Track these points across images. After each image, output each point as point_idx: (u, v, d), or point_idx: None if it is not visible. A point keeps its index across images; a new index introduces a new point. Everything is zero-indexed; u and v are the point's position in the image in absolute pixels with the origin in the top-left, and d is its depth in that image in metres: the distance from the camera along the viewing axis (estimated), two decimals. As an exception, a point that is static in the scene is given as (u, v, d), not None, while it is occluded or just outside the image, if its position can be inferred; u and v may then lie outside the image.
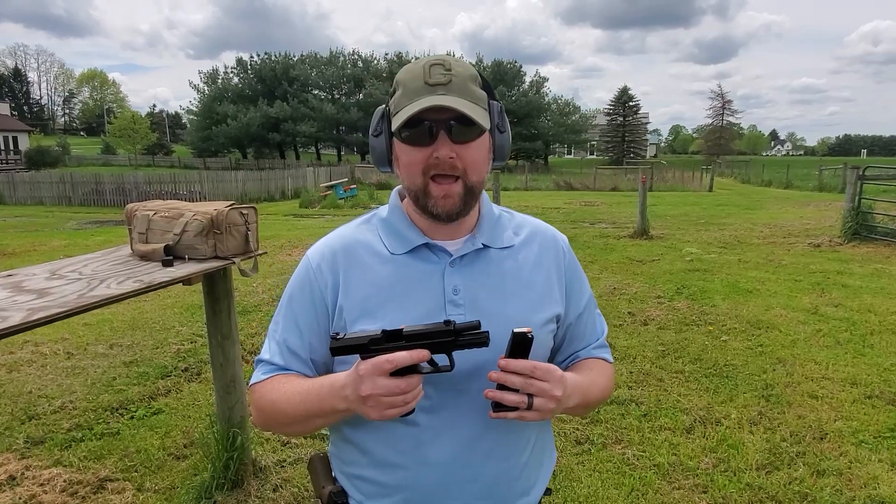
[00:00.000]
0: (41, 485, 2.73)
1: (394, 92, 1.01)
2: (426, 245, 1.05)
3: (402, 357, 0.86)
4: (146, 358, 4.48)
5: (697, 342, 4.74)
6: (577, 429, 3.31)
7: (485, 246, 1.07)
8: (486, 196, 1.11)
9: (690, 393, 3.80)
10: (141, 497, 2.70)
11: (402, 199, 1.11)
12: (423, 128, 0.95)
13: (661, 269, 7.57)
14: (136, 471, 2.91)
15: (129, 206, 2.43)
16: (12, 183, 22.52)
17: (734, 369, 4.16)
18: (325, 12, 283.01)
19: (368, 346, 0.89)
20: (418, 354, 0.86)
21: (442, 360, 0.92)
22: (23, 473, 2.83)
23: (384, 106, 1.04)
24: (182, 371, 4.22)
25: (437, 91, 0.95)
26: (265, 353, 1.08)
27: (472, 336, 0.89)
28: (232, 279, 2.64)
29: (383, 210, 1.13)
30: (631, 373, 4.13)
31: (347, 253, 1.06)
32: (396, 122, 0.96)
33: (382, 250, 1.06)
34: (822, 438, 3.21)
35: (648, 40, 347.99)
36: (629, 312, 5.59)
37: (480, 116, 0.96)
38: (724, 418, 3.44)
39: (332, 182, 20.60)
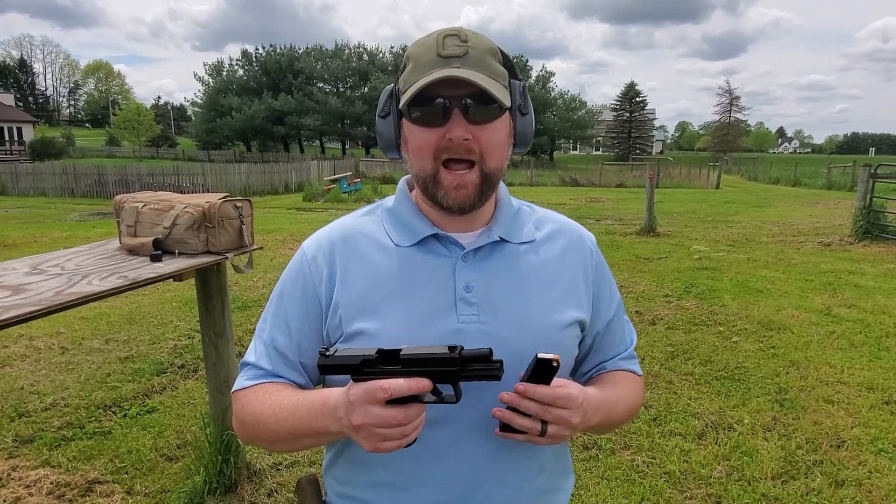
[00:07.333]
0: (27, 486, 2.63)
1: (404, 68, 0.89)
2: (435, 237, 0.93)
3: (398, 386, 0.72)
4: (142, 354, 4.38)
5: (707, 343, 4.61)
6: (584, 433, 3.19)
7: (502, 239, 0.95)
8: (503, 187, 0.99)
9: (701, 396, 3.67)
10: (130, 501, 2.59)
11: (410, 190, 0.99)
12: (436, 106, 0.84)
13: (668, 267, 7.43)
14: (126, 472, 2.81)
15: (118, 197, 2.31)
16: (15, 174, 22.50)
17: (746, 372, 4.04)
18: (330, 4, 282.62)
19: (361, 368, 0.76)
20: (417, 385, 0.73)
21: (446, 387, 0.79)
22: (9, 474, 2.73)
23: (393, 84, 0.92)
24: (178, 368, 4.12)
25: (451, 63, 0.83)
26: (250, 356, 0.96)
27: (481, 367, 0.75)
28: (226, 275, 2.52)
29: (389, 200, 1.01)
30: (639, 374, 4.00)
31: (347, 244, 0.95)
32: (405, 99, 0.85)
33: (387, 242, 0.94)
34: (839, 446, 3.09)
35: (656, 35, 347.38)
36: (637, 311, 5.45)
37: (500, 93, 0.84)
38: (736, 423, 3.32)
39: (336, 176, 20.46)
